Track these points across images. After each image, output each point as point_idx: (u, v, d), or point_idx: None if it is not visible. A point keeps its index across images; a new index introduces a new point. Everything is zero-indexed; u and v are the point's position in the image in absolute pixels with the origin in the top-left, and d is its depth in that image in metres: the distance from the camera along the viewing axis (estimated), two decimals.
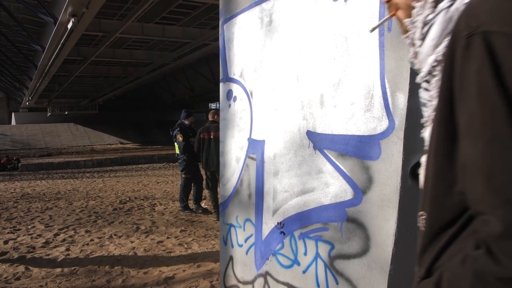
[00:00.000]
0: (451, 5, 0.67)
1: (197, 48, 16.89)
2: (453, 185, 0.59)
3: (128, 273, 3.78)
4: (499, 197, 0.51)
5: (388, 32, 1.36)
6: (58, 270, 3.90)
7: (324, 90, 1.70)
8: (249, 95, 2.33)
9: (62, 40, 11.39)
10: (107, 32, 13.78)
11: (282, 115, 2.01)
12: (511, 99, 0.50)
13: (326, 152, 1.70)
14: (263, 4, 2.13)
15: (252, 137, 2.30)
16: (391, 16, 0.85)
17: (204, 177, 6.30)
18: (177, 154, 6.59)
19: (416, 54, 0.75)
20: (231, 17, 2.49)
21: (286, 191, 1.98)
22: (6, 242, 4.89)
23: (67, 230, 5.44)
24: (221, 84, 2.70)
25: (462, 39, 0.56)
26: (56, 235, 5.22)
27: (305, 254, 1.84)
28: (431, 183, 0.65)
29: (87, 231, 5.36)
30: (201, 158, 6.03)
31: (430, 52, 0.70)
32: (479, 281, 0.52)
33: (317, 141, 1.75)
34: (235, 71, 2.48)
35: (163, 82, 32.03)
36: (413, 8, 0.73)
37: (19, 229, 5.56)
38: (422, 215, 0.68)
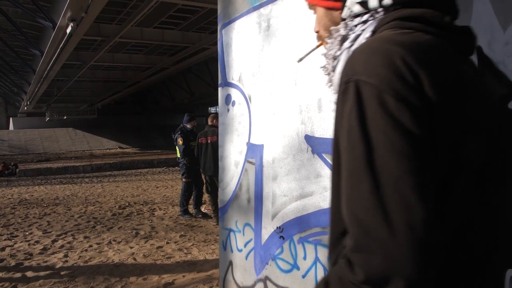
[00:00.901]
0: (351, 45, 0.76)
1: (196, 52, 16.92)
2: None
3: (127, 279, 3.76)
4: (353, 218, 0.61)
5: None
6: (56, 277, 3.88)
7: (322, 94, 1.70)
8: (247, 100, 2.33)
9: (61, 45, 11.39)
10: (106, 36, 13.80)
11: (280, 119, 2.01)
12: (367, 140, 0.60)
13: (325, 156, 1.70)
14: (261, 9, 2.14)
15: (251, 141, 2.30)
16: (318, 46, 0.94)
17: (204, 181, 6.30)
18: (178, 158, 6.60)
19: (331, 82, 0.85)
20: (229, 22, 2.50)
21: (285, 196, 1.98)
22: (2, 249, 4.86)
23: (65, 236, 5.42)
24: (219, 89, 2.70)
25: (343, 84, 0.66)
26: (54, 241, 5.20)
27: (305, 258, 1.84)
28: (331, 196, 0.76)
29: (85, 237, 5.34)
30: (200, 163, 6.03)
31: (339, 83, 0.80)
32: (341, 284, 0.63)
33: (315, 145, 1.75)
34: (234, 75, 2.48)
35: (162, 86, 32.03)
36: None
37: (16, 236, 5.53)
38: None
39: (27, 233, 5.69)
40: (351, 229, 0.62)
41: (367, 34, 0.74)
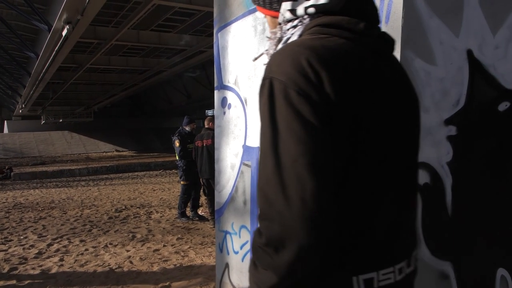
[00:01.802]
0: None
1: (193, 55, 16.91)
2: None
3: (124, 282, 3.75)
4: (261, 192, 0.73)
5: None
6: (51, 281, 3.86)
7: None
8: (243, 102, 2.34)
9: (57, 47, 11.34)
10: (102, 39, 13.75)
11: None
12: (275, 127, 0.71)
13: None
14: (257, 13, 2.14)
15: (247, 144, 2.31)
16: None
17: (202, 184, 6.30)
18: (177, 160, 6.62)
19: None
20: (225, 25, 2.52)
21: None
22: None
23: (61, 240, 5.40)
24: (215, 92, 2.71)
25: (262, 80, 0.77)
26: (49, 245, 5.17)
27: None
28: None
29: (81, 241, 5.32)
30: (197, 166, 6.04)
31: None
32: (253, 248, 0.77)
33: None
34: (230, 78, 2.49)
35: (159, 89, 31.97)
36: None
37: (10, 240, 5.50)
38: None
39: (21, 237, 5.66)
40: (259, 201, 0.75)
41: (295, 36, 0.85)
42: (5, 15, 12.38)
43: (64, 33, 9.71)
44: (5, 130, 36.69)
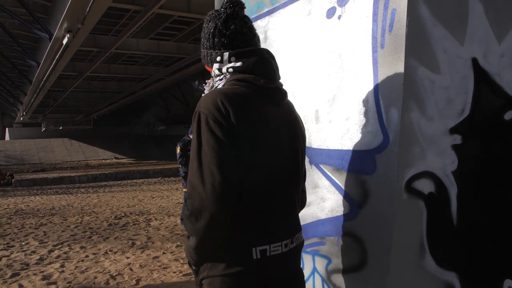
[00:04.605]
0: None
1: (192, 63, 16.95)
2: None
3: None
4: (189, 182, 1.14)
5: (381, 48, 1.38)
6: (53, 287, 3.84)
7: (319, 106, 1.71)
8: None
9: (57, 56, 11.38)
10: (102, 47, 13.81)
11: None
12: (199, 142, 1.13)
13: (322, 167, 1.70)
14: (258, 21, 2.16)
15: None
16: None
17: None
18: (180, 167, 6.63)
19: None
20: None
21: None
22: None
23: (61, 247, 5.38)
24: None
25: (195, 112, 1.18)
26: (50, 251, 5.16)
27: (303, 268, 1.83)
28: None
29: (82, 247, 5.30)
30: None
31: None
32: (183, 220, 1.21)
33: (313, 156, 1.76)
34: None
35: (158, 97, 32.02)
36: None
37: (12, 246, 5.49)
38: None
39: (23, 243, 5.64)
40: (188, 188, 1.15)
41: (220, 85, 1.28)
42: (7, 24, 12.44)
43: (64, 41, 9.75)
44: (7, 137, 36.73)
